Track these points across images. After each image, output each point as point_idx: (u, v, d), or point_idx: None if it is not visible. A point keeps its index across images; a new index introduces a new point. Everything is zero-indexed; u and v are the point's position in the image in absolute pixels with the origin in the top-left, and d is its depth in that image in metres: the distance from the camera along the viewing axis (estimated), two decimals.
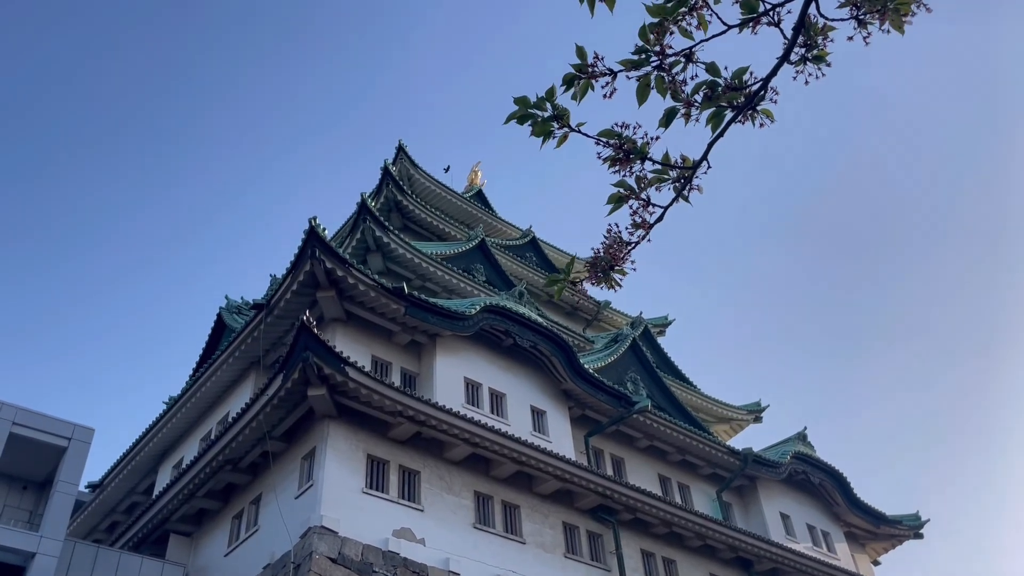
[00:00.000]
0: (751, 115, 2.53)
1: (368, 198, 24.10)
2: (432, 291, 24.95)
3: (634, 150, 2.51)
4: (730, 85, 2.51)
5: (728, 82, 2.52)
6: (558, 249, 35.97)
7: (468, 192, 35.78)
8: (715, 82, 2.53)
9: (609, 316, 33.37)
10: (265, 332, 19.48)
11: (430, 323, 19.62)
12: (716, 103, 2.51)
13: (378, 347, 19.73)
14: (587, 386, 22.30)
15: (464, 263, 26.84)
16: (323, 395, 15.80)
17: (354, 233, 23.97)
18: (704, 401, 30.71)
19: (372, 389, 16.02)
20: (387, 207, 28.17)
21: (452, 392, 19.55)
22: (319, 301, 18.75)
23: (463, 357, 20.77)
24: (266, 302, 19.26)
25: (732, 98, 2.50)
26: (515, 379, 21.64)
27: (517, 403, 21.13)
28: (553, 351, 21.99)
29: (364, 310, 19.32)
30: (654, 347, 30.49)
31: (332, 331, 18.98)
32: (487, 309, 21.02)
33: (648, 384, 26.27)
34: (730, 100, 2.51)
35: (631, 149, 2.53)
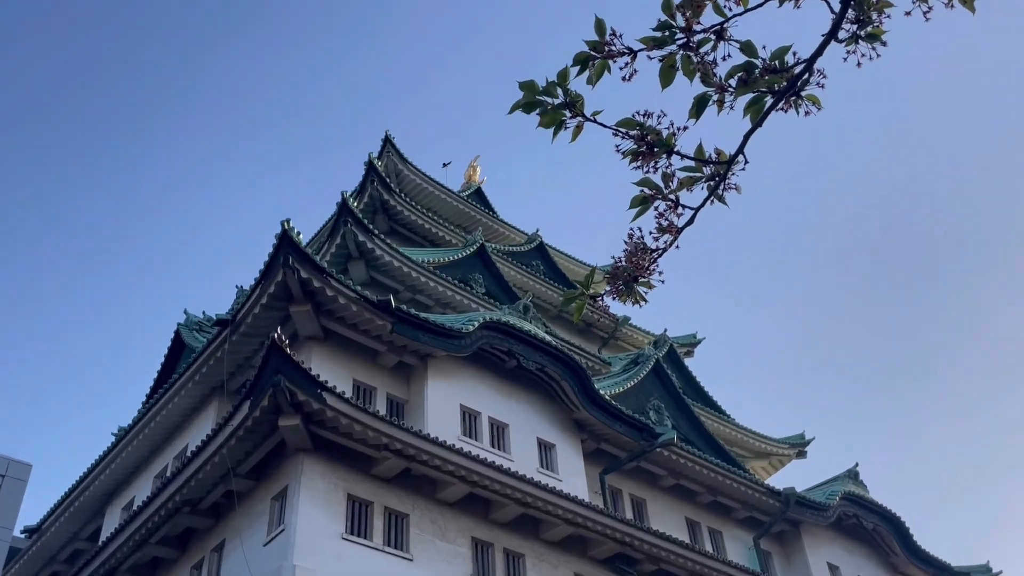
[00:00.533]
0: (794, 102, 2.51)
1: (350, 197, 24.16)
2: (423, 305, 24.95)
3: (659, 142, 2.50)
4: (769, 67, 2.50)
5: (767, 63, 2.51)
6: (570, 257, 36.00)
7: (465, 191, 35.89)
8: (752, 63, 2.52)
9: (628, 334, 33.35)
10: (230, 352, 19.48)
11: (421, 342, 19.62)
12: (754, 88, 2.50)
13: (360, 370, 19.71)
14: (603, 415, 22.25)
15: (461, 272, 26.86)
16: (296, 425, 15.78)
17: (333, 238, 24.02)
18: (739, 433, 30.61)
19: (353, 419, 15.99)
20: (372, 208, 28.23)
21: (446, 422, 19.52)
22: (293, 316, 18.76)
23: (459, 381, 20.75)
24: (231, 317, 19.27)
25: (773, 82, 2.49)
26: (519, 407, 21.61)
27: (522, 435, 21.09)
28: (563, 375, 21.96)
29: (344, 327, 19.33)
30: (680, 370, 30.44)
31: (307, 351, 18.97)
32: (487, 326, 21.02)
33: (674, 413, 26.20)
34: (770, 84, 2.50)
35: (655, 141, 2.51)
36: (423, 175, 31.45)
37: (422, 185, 31.39)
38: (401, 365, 20.39)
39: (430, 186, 31.56)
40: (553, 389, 22.26)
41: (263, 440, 16.53)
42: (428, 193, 31.58)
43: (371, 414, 16.20)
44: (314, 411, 15.83)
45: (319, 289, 18.43)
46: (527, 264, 31.96)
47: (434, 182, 31.71)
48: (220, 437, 16.29)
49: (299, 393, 15.58)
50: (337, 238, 23.89)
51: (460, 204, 32.38)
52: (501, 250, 31.03)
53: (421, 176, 31.39)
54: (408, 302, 24.30)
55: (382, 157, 30.73)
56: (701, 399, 30.48)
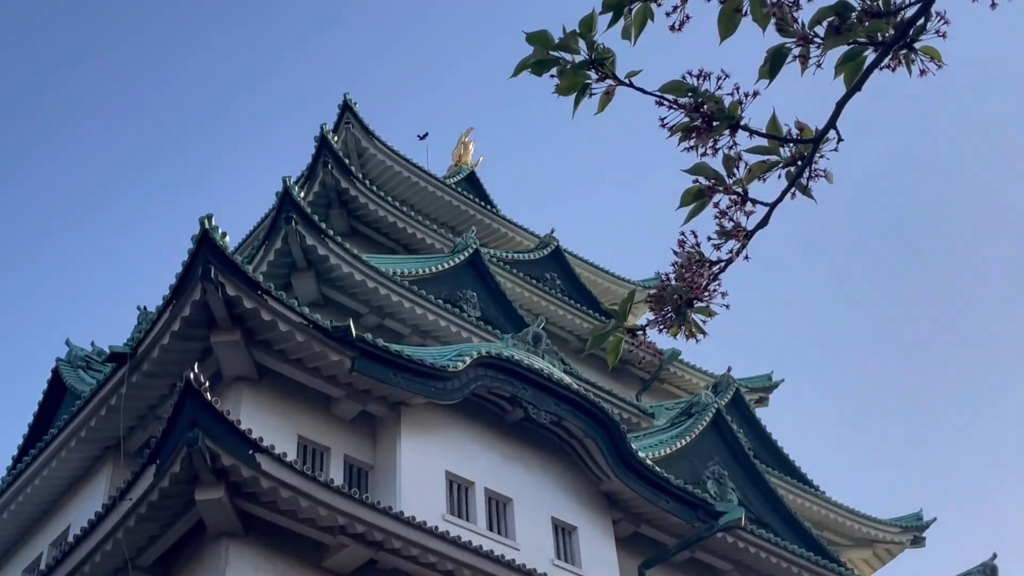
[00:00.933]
0: (905, 57, 2.52)
1: (294, 185, 24.23)
2: (395, 333, 24.93)
3: (719, 113, 2.51)
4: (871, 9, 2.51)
5: (867, 5, 2.51)
6: (597, 267, 35.99)
7: (454, 176, 35.99)
8: (846, 4, 2.52)
9: (678, 374, 33.26)
10: (129, 398, 19.47)
11: (392, 384, 19.61)
12: (849, 38, 2.51)
13: (309, 423, 19.69)
14: (643, 486, 22.18)
15: (447, 288, 26.88)
16: (220, 499, 15.74)
17: (272, 242, 24.07)
18: (832, 511, 30.48)
19: (298, 490, 15.92)
20: (325, 200, 28.30)
21: (426, 495, 19.46)
22: (215, 349, 18.78)
23: (444, 439, 20.71)
24: (131, 351, 19.29)
25: (875, 29, 2.50)
26: (527, 475, 21.55)
27: (531, 514, 21.00)
28: (589, 430, 21.92)
29: (286, 363, 19.33)
30: (750, 424, 30.36)
31: (236, 397, 18.98)
32: (483, 362, 21.00)
33: (741, 483, 26.11)
34: (871, 33, 2.51)
35: (714, 112, 2.52)
36: (395, 155, 31.54)
37: (394, 168, 31.47)
38: (364, 416, 20.36)
39: (405, 170, 31.64)
40: (574, 450, 22.18)
41: (173, 520, 16.45)
42: (402, 179, 31.65)
43: (323, 484, 16.11)
44: (244, 480, 15.75)
45: (251, 311, 18.44)
46: (538, 277, 31.95)
47: (411, 164, 31.80)
48: (114, 516, 16.22)
49: (223, 455, 15.52)
50: (277, 242, 23.91)
51: (447, 195, 32.44)
52: (503, 258, 31.04)
53: (392, 156, 31.48)
54: (374, 329, 24.29)
55: (339, 130, 30.82)
56: (779, 464, 30.36)
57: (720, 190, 2.52)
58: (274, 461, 15.82)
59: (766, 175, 2.54)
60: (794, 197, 2.55)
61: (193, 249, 18.61)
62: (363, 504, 16.49)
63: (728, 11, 2.57)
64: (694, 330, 2.54)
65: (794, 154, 2.52)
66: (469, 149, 38.12)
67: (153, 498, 15.88)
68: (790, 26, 2.55)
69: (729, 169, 2.54)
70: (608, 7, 2.61)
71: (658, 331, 2.56)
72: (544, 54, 2.59)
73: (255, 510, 16.28)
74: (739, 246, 2.52)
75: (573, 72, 2.57)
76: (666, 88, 2.57)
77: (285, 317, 18.66)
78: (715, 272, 2.52)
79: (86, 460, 21.07)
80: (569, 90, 2.59)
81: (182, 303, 18.50)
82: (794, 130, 2.55)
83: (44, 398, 24.51)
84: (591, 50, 2.57)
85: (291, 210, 23.75)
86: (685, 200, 2.54)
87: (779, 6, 2.55)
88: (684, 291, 2.50)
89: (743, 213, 2.53)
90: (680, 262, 2.52)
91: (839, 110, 2.56)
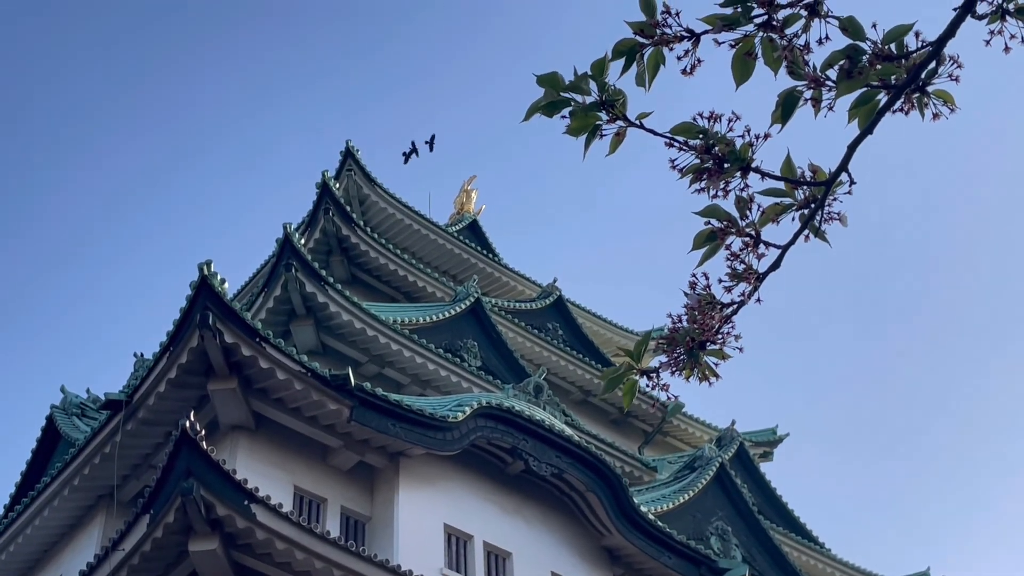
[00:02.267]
0: (918, 100, 2.53)
1: (295, 232, 24.32)
2: (395, 382, 24.90)
3: (731, 155, 2.52)
4: (882, 53, 2.53)
5: (878, 48, 2.53)
6: (600, 318, 36.03)
7: (456, 224, 36.15)
8: (858, 48, 2.54)
9: (681, 427, 33.18)
10: (124, 446, 19.45)
11: (390, 435, 19.57)
12: (862, 82, 2.52)
13: (305, 473, 19.62)
14: (645, 542, 22.07)
15: (448, 337, 26.89)
16: (214, 551, 15.69)
17: (271, 289, 24.12)
18: (838, 569, 30.26)
19: (294, 543, 15.88)
20: (326, 247, 28.40)
21: (424, 549, 19.39)
22: (212, 397, 18.76)
23: (443, 491, 20.63)
24: (126, 398, 19.27)
25: (887, 73, 2.51)
26: (527, 528, 21.45)
27: (530, 568, 20.90)
28: (590, 484, 21.84)
29: (284, 413, 19.31)
30: (755, 479, 30.24)
31: (232, 446, 18.93)
32: (483, 413, 20.97)
33: (745, 540, 25.94)
34: (884, 76, 2.52)
35: (725, 154, 2.53)
36: (397, 202, 31.69)
37: (395, 216, 31.62)
38: (362, 467, 20.30)
39: (407, 217, 31.79)
40: (575, 504, 22.08)
41: (167, 571, 16.39)
42: (404, 227, 31.79)
43: (319, 536, 16.08)
44: (239, 531, 15.71)
45: (249, 359, 18.44)
46: (540, 327, 31.97)
47: (413, 212, 31.94)
48: (107, 566, 16.16)
49: (218, 505, 15.49)
50: (276, 289, 23.96)
51: (448, 243, 32.56)
52: (504, 307, 31.08)
53: (394, 203, 31.63)
54: (374, 378, 24.26)
55: (341, 177, 31.00)
56: (783, 520, 30.19)
57: (733, 232, 2.53)
58: (270, 512, 15.79)
59: (780, 218, 2.54)
60: (808, 240, 2.56)
61: (191, 295, 18.66)
62: (359, 557, 16.42)
63: (740, 55, 2.59)
64: (706, 373, 2.53)
65: (807, 197, 2.53)
66: (471, 197, 38.31)
67: (146, 548, 15.83)
68: (801, 69, 2.57)
69: (742, 211, 2.54)
70: (619, 53, 2.63)
71: (671, 373, 2.55)
72: (555, 96, 2.61)
73: (250, 562, 16.22)
74: (751, 289, 2.52)
75: (584, 113, 2.59)
76: (677, 130, 2.59)
77: (283, 365, 18.66)
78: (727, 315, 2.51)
79: (79, 509, 21.01)
80: (580, 131, 2.60)
81: (179, 350, 18.52)
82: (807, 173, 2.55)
83: (38, 445, 24.46)
84: (602, 91, 2.59)
85: (291, 257, 23.82)
86: (697, 243, 2.55)
87: (790, 49, 2.57)
88: (696, 333, 2.49)
89: (755, 255, 2.54)
90: (691, 304, 2.52)
91: (851, 153, 2.57)
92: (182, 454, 15.66)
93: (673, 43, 2.61)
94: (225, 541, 15.84)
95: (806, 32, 2.56)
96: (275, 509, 15.84)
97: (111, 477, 19.89)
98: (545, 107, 2.63)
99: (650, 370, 2.57)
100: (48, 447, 24.34)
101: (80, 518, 21.17)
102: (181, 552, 16.02)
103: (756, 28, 2.56)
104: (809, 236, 2.54)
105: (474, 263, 33.20)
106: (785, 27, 2.55)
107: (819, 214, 2.52)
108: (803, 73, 2.56)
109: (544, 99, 2.65)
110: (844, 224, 2.49)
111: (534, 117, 2.69)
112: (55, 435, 24.18)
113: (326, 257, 28.31)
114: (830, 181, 2.51)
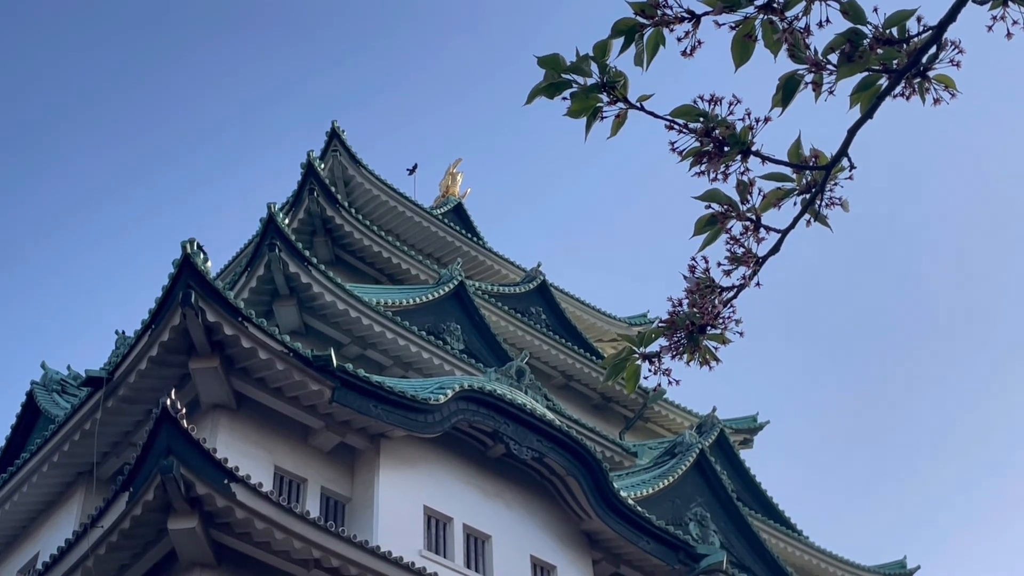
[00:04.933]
0: (919, 85, 2.53)
1: (279, 212, 24.23)
2: (377, 364, 24.89)
3: (730, 139, 2.51)
4: (883, 37, 2.53)
5: (879, 32, 2.53)
6: (585, 304, 36.06)
7: (441, 207, 36.11)
8: (858, 32, 2.54)
9: (662, 413, 33.28)
10: (104, 424, 19.39)
11: (371, 416, 19.57)
12: (862, 66, 2.52)
13: (286, 453, 19.62)
14: (624, 526, 22.16)
15: (431, 320, 26.89)
16: (193, 529, 15.67)
17: (254, 269, 24.04)
18: (815, 557, 30.45)
19: (274, 522, 15.87)
20: (310, 227, 28.33)
21: (404, 530, 19.41)
22: (193, 376, 18.72)
23: (423, 473, 20.66)
24: (107, 375, 19.21)
25: (889, 57, 2.51)
26: (507, 512, 21.50)
27: (509, 551, 20.95)
28: (571, 468, 21.90)
29: (266, 393, 19.28)
30: (734, 466, 30.37)
31: (212, 425, 18.90)
32: (465, 395, 20.99)
33: (723, 526, 26.08)
34: (885, 61, 2.52)
35: (725, 138, 2.53)
36: (382, 184, 31.62)
37: (380, 198, 31.55)
38: (343, 448, 20.30)
39: (392, 199, 31.72)
40: (555, 488, 22.14)
41: (145, 549, 16.37)
42: (389, 209, 31.73)
43: (299, 516, 16.07)
44: (218, 510, 15.70)
45: (232, 338, 18.40)
46: (524, 311, 32.00)
47: (398, 194, 31.88)
48: (85, 543, 16.10)
49: (198, 484, 15.47)
50: (260, 268, 23.89)
51: (433, 225, 32.52)
52: (488, 291, 31.08)
53: (379, 185, 31.55)
54: (356, 360, 24.23)
55: (326, 158, 30.90)
56: (762, 508, 30.34)
57: (734, 216, 2.52)
58: (249, 491, 15.77)
59: (781, 202, 2.54)
60: (809, 225, 2.55)
61: (174, 273, 18.59)
62: (339, 537, 16.43)
63: (740, 37, 2.59)
64: (707, 357, 2.53)
65: (809, 181, 2.53)
66: (457, 180, 38.26)
67: (125, 526, 15.80)
68: (802, 52, 2.56)
69: (743, 195, 2.54)
70: (618, 32, 2.62)
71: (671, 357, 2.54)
72: (555, 77, 2.60)
73: (229, 541, 16.22)
74: (751, 272, 2.52)
75: (585, 95, 2.58)
76: (677, 112, 2.58)
77: (265, 345, 18.62)
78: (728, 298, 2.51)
79: (58, 486, 20.96)
80: (580, 113, 2.59)
81: (161, 328, 18.46)
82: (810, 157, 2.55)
83: (17, 421, 24.39)
84: (603, 73, 2.58)
85: (275, 237, 23.74)
86: (699, 227, 2.54)
87: (791, 32, 2.56)
88: (696, 317, 2.49)
89: (755, 240, 2.53)
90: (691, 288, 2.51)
91: (851, 137, 2.57)
92: (162, 432, 15.63)
93: (673, 24, 2.60)
94: (204, 520, 15.82)
95: (807, 15, 2.55)
96: (255, 488, 15.82)
97: (91, 454, 19.84)
98: (546, 88, 2.62)
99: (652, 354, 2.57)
100: (28, 423, 24.27)
101: (59, 495, 21.12)
102: (160, 530, 16.00)
103: (757, 10, 2.55)
104: (811, 221, 2.54)
105: (458, 246, 33.18)
106: (786, 9, 2.55)
107: (819, 199, 2.52)
108: (804, 56, 2.56)
109: (545, 80, 2.64)
110: (846, 209, 2.49)
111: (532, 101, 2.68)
112: (35, 411, 24.11)
113: (310, 238, 28.25)
114: (830, 165, 2.51)
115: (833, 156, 2.53)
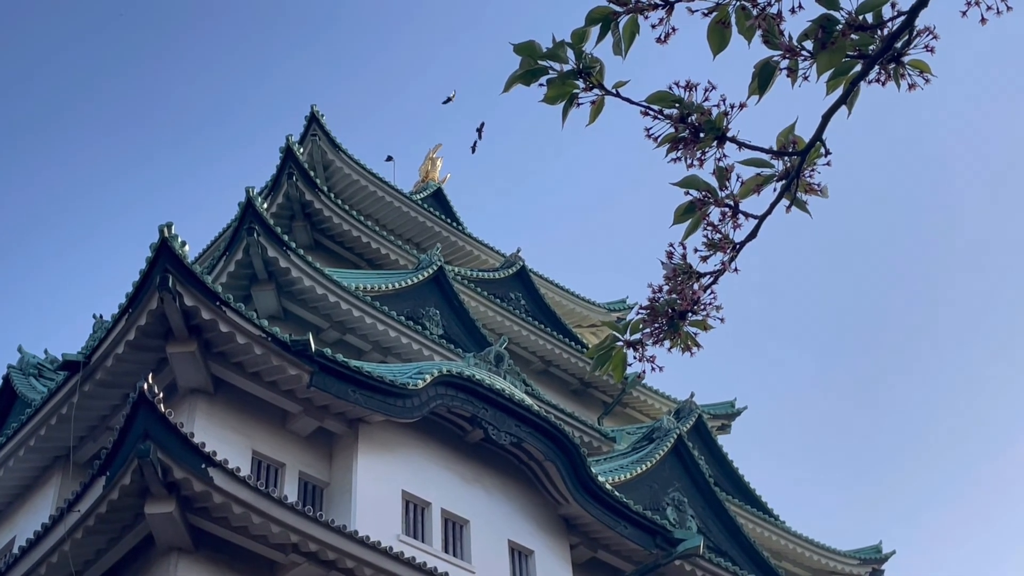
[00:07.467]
0: (893, 71, 2.54)
1: (257, 196, 24.11)
2: (355, 348, 24.84)
3: (706, 125, 2.51)
4: (855, 22, 2.53)
5: (852, 17, 2.53)
6: (561, 288, 36.08)
7: (420, 192, 36.04)
8: (831, 18, 2.54)
9: (640, 399, 33.38)
10: (80, 408, 19.32)
11: (350, 401, 19.55)
12: (840, 54, 2.53)
13: (264, 438, 19.58)
14: (602, 511, 22.23)
15: (410, 305, 26.85)
16: (170, 514, 15.64)
17: (232, 253, 23.93)
18: (791, 541, 30.63)
19: (251, 507, 15.86)
20: (288, 212, 28.21)
21: (382, 515, 19.42)
22: (171, 360, 18.65)
23: (402, 458, 20.66)
24: (84, 359, 19.12)
25: (864, 43, 2.51)
26: (485, 496, 21.53)
27: (487, 536, 20.99)
28: (549, 453, 21.95)
29: (244, 377, 19.24)
30: (712, 451, 30.50)
31: (190, 409, 18.85)
32: (444, 380, 20.99)
33: (701, 511, 26.21)
34: (860, 46, 2.52)
35: (701, 124, 2.53)
36: (362, 168, 31.53)
37: (360, 182, 31.46)
38: (321, 433, 20.28)
39: (371, 184, 31.64)
40: (533, 473, 22.19)
41: (122, 533, 16.34)
42: (368, 194, 31.65)
43: (276, 501, 16.05)
44: (196, 494, 15.67)
45: (209, 322, 18.34)
46: (503, 296, 32.02)
47: (377, 179, 31.80)
48: (61, 528, 16.06)
49: (175, 468, 15.43)
50: (238, 253, 23.78)
51: (412, 210, 32.46)
52: (467, 276, 31.07)
53: (359, 170, 31.46)
54: (334, 344, 24.20)
55: (305, 142, 30.77)
56: (740, 493, 30.50)
57: (712, 202, 2.53)
58: (227, 476, 15.74)
59: (761, 188, 2.54)
60: (788, 211, 2.56)
61: (151, 257, 18.48)
62: (316, 522, 16.43)
63: (715, 24, 2.59)
64: (688, 343, 2.53)
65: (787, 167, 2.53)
66: (437, 165, 38.17)
67: (102, 510, 15.75)
68: (776, 38, 2.56)
69: (720, 181, 2.54)
70: (593, 20, 2.61)
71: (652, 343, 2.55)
72: (532, 65, 2.59)
73: (206, 525, 16.19)
74: (728, 258, 2.52)
75: (561, 81, 2.58)
76: (652, 99, 2.59)
77: (243, 329, 18.56)
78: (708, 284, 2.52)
79: (35, 470, 20.88)
80: (556, 99, 2.59)
81: (138, 312, 18.37)
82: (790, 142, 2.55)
83: None
84: (579, 59, 2.57)
85: (254, 221, 23.63)
86: (678, 215, 2.55)
87: (764, 18, 2.56)
88: (675, 303, 2.49)
89: (734, 226, 2.54)
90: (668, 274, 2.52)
91: (825, 123, 2.58)
92: (139, 416, 15.56)
93: (647, 11, 2.60)
94: (181, 504, 15.79)
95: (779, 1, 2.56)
96: (232, 473, 15.80)
97: (67, 438, 19.76)
98: (523, 76, 2.62)
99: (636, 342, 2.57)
100: (4, 407, 24.12)
101: (36, 479, 21.05)
102: (137, 515, 15.96)
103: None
104: (790, 207, 2.54)
105: (438, 231, 33.13)
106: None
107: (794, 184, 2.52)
108: (778, 43, 2.56)
109: (521, 68, 2.63)
110: (824, 195, 2.50)
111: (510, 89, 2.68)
112: (11, 395, 23.96)
113: (289, 222, 28.14)
114: (805, 150, 2.52)
115: (808, 141, 2.54)
